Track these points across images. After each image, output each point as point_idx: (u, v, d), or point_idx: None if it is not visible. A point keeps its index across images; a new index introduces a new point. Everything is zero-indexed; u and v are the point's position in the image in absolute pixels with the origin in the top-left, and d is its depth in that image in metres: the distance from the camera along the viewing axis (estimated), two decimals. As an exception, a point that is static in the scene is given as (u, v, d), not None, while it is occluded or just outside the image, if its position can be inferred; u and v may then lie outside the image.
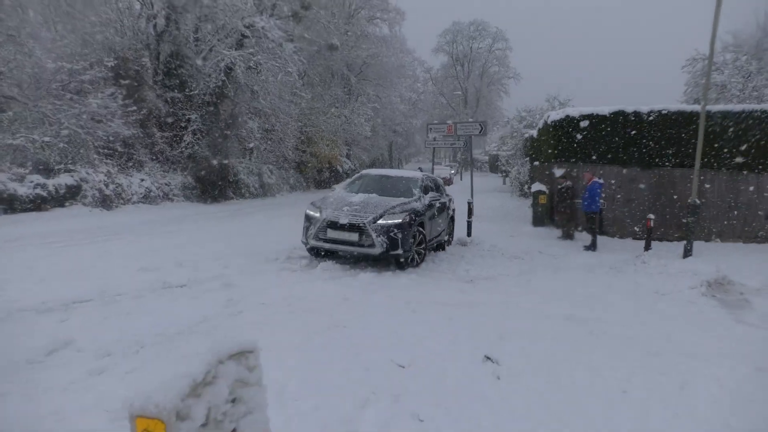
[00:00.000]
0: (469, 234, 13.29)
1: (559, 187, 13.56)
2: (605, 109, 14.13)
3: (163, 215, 18.59)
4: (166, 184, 22.07)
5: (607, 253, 11.93)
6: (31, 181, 16.36)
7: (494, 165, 51.72)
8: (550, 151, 14.55)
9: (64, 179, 17.52)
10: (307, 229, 9.42)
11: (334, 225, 9.19)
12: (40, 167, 17.27)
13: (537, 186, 15.06)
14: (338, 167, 38.74)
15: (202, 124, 24.26)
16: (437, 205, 11.14)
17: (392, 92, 44.48)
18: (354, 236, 9.06)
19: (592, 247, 12.23)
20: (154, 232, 13.90)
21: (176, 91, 23.89)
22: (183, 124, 24.03)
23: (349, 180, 11.12)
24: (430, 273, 9.72)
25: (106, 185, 18.58)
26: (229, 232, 14.29)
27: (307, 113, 33.29)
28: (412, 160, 77.61)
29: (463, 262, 10.84)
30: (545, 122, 15.39)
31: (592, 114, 14.14)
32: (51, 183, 16.92)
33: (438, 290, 8.41)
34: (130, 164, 21.07)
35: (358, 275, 8.91)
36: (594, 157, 13.94)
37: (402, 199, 9.98)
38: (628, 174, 14.16)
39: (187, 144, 23.79)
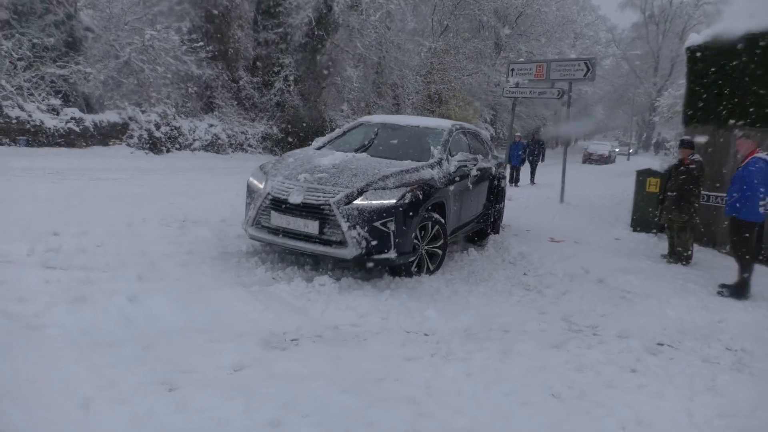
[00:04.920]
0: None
1: (676, 165, 6.82)
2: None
3: (224, 165, 15.91)
4: (241, 133, 19.56)
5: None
6: (66, 115, 14.73)
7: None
8: (686, 101, 7.86)
9: (109, 116, 15.73)
10: (248, 208, 5.13)
11: (280, 205, 4.78)
12: (85, 101, 15.71)
13: (649, 165, 8.59)
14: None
15: (296, 70, 21.21)
16: (473, 172, 6.10)
17: (553, 52, 37.18)
18: (311, 226, 4.60)
19: (740, 290, 5.84)
20: (184, 181, 10.76)
21: (271, 32, 21.08)
22: (276, 69, 21.24)
23: (337, 131, 6.51)
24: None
25: (158, 127, 16.46)
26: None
27: (437, 68, 28.54)
28: (594, 138, 67.15)
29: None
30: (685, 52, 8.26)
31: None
32: (90, 119, 15.17)
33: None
34: (200, 107, 18.90)
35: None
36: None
37: (408, 163, 5.22)
38: None
39: (277, 91, 20.97)
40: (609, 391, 3.27)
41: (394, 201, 4.58)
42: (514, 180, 15.23)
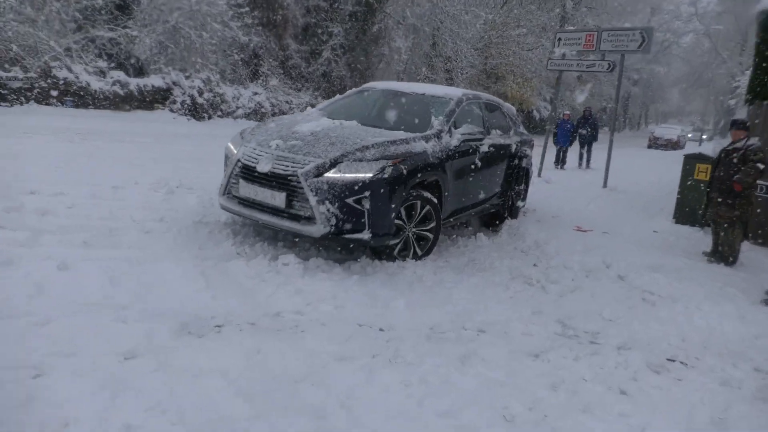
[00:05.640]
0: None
1: (726, 148, 5.79)
2: None
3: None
4: (285, 102, 19.32)
5: None
6: (111, 78, 14.93)
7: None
8: (753, 75, 6.58)
9: (153, 81, 15.84)
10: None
11: (248, 173, 4.37)
12: (132, 64, 15.87)
13: (700, 148, 7.44)
14: (534, 111, 32.00)
15: (344, 39, 20.67)
16: (483, 148, 5.42)
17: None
18: (278, 198, 4.15)
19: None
20: (211, 148, 10.69)
21: (321, -2, 20.56)
22: (324, 38, 20.78)
23: (338, 96, 5.99)
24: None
25: (200, 93, 16.46)
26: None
27: (496, 41, 27.15)
28: (668, 122, 62.59)
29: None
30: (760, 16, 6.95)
31: None
32: (134, 82, 15.33)
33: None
34: (246, 75, 18.76)
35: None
36: None
37: (399, 134, 4.65)
38: None
39: (324, 60, 20.55)
40: (580, 417, 2.67)
41: (370, 175, 4.03)
42: (561, 161, 14.13)
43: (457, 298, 4.05)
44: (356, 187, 4.01)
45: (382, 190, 4.07)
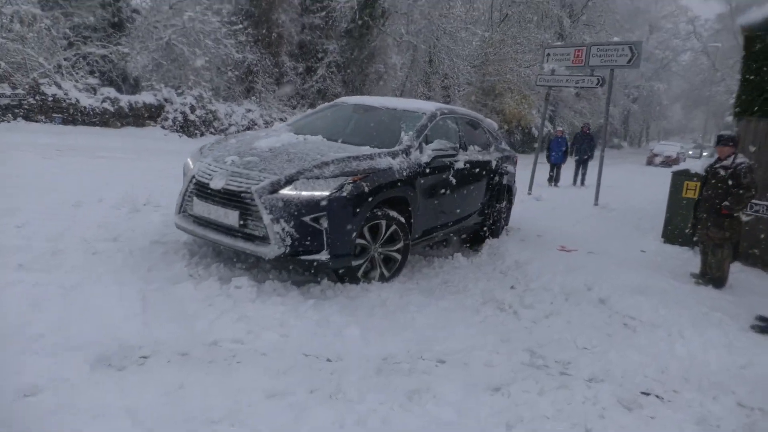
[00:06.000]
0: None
1: (714, 166, 5.54)
2: None
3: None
4: (280, 120, 19.19)
5: None
6: (102, 94, 14.84)
7: None
8: (741, 88, 6.43)
9: (145, 97, 15.76)
10: None
11: (202, 190, 4.19)
12: (123, 81, 15.81)
13: (688, 165, 6.99)
14: (533, 129, 31.89)
15: (339, 56, 20.65)
16: (458, 165, 5.21)
17: (623, 43, 34.60)
18: (231, 216, 3.94)
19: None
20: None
21: (316, 16, 20.60)
22: (319, 55, 20.77)
23: (309, 111, 5.83)
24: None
25: (192, 110, 16.35)
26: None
27: (493, 58, 27.13)
28: (671, 137, 62.16)
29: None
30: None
31: None
32: (126, 99, 15.24)
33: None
34: (240, 92, 18.69)
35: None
36: None
37: (363, 149, 4.43)
38: None
39: (319, 77, 20.50)
40: (535, 463, 2.39)
41: (327, 193, 3.80)
42: (554, 180, 13.90)
43: (420, 324, 3.79)
44: (313, 205, 3.77)
45: (341, 209, 3.84)
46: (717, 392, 3.36)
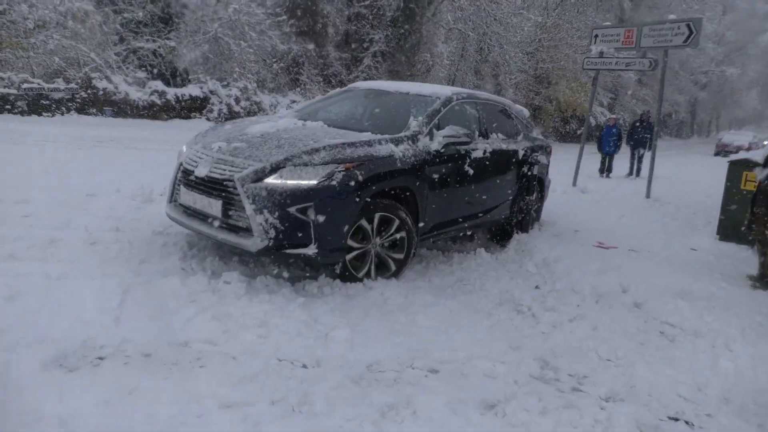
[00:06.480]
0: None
1: None
2: None
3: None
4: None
5: None
6: (150, 88, 15.21)
7: None
8: None
9: (191, 90, 16.05)
10: None
11: (188, 178, 4.00)
12: (171, 74, 16.14)
13: (749, 154, 6.12)
14: (591, 117, 30.41)
15: (385, 46, 20.33)
16: (476, 154, 4.79)
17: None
18: (214, 205, 3.75)
19: None
20: None
21: (361, 5, 20.34)
22: (365, 45, 20.52)
23: (320, 97, 5.57)
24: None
25: (237, 101, 16.51)
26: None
27: (547, 45, 26.02)
28: (743, 127, 57.88)
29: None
30: None
31: None
32: (172, 92, 15.57)
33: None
34: (285, 83, 18.72)
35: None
36: None
37: (363, 135, 4.12)
38: None
39: (365, 67, 20.27)
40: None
41: (315, 182, 3.52)
42: (606, 170, 13.05)
43: (420, 327, 3.46)
44: (299, 195, 3.50)
45: (330, 199, 3.55)
46: (763, 418, 2.86)
